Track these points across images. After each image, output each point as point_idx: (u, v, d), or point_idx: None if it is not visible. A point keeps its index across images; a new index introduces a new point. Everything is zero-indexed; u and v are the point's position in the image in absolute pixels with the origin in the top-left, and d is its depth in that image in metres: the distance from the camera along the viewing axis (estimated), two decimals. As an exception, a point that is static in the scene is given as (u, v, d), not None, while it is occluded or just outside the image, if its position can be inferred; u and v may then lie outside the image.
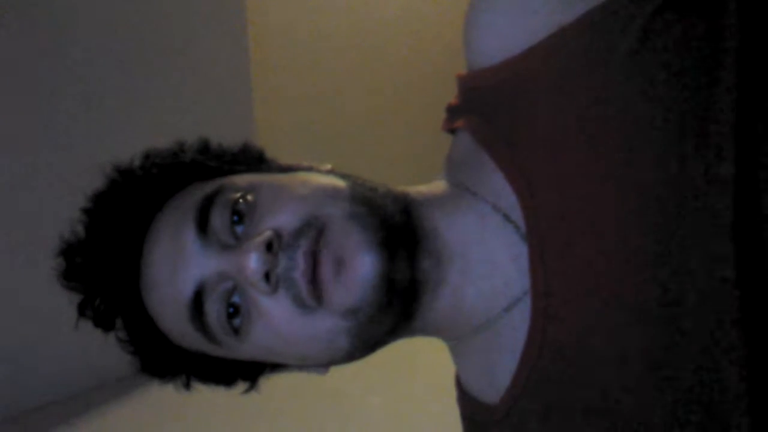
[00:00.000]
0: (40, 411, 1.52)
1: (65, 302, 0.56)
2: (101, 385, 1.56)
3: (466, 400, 0.57)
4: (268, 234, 0.47)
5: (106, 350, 0.61)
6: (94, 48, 1.45)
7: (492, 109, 0.53)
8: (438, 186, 0.56)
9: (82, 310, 0.56)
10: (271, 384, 0.60)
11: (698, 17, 0.44)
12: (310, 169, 0.57)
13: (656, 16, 0.45)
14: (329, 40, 2.19)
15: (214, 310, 0.50)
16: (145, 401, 1.49)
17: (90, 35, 1.45)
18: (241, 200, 0.51)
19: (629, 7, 0.46)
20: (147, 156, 0.58)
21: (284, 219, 0.49)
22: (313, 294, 0.47)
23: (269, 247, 0.47)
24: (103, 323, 0.56)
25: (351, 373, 0.55)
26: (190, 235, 0.50)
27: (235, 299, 0.50)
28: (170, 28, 1.57)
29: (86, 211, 0.56)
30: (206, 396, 0.61)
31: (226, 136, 0.61)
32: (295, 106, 2.13)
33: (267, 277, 0.47)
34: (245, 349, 0.52)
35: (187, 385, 0.58)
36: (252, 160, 0.59)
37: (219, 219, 0.51)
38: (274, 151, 0.62)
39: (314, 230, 0.48)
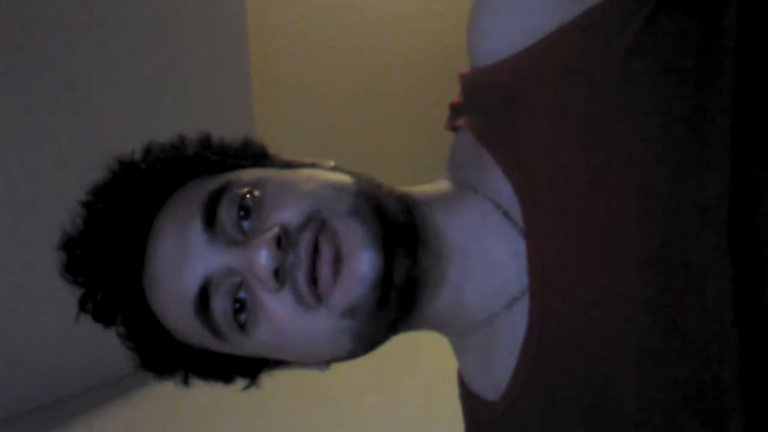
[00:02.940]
0: (40, 411, 1.52)
1: (65, 302, 0.56)
2: (101, 385, 1.56)
3: (468, 397, 0.58)
4: (276, 230, 0.48)
5: (105, 350, 0.61)
6: (94, 47, 1.45)
7: (493, 107, 0.54)
8: (441, 185, 0.57)
9: (83, 305, 0.55)
10: (270, 383, 0.60)
11: (697, 17, 0.44)
12: (313, 165, 0.57)
13: (654, 15, 0.45)
14: (329, 39, 2.19)
15: (220, 305, 0.50)
16: (145, 401, 1.49)
17: (90, 34, 1.45)
18: (248, 195, 0.51)
19: (628, 6, 0.46)
20: (148, 150, 0.58)
21: (289, 214, 0.49)
22: (313, 293, 0.48)
23: (278, 242, 0.47)
24: (104, 318, 0.56)
25: (349, 371, 0.55)
26: (196, 229, 0.50)
27: (242, 294, 0.50)
28: (170, 28, 1.57)
29: (88, 204, 0.56)
30: (205, 395, 0.61)
31: (226, 135, 0.61)
32: (295, 105, 2.13)
33: (276, 273, 0.47)
34: (250, 345, 0.52)
35: (186, 382, 0.58)
36: (256, 155, 0.59)
37: (226, 214, 0.51)
38: (273, 150, 0.62)
39: (316, 223, 0.48)
